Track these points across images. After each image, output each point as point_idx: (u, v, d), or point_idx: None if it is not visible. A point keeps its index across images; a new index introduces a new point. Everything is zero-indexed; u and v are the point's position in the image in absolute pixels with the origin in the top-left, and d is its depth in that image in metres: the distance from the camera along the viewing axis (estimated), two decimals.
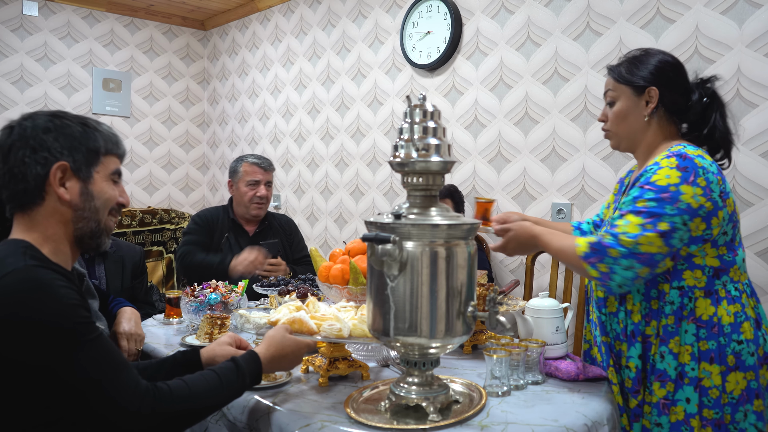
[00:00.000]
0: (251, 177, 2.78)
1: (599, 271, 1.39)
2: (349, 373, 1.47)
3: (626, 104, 1.53)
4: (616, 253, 1.37)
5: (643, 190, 1.41)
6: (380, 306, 1.18)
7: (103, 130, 1.24)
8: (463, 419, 1.18)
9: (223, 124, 4.89)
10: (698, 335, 1.41)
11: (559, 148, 2.72)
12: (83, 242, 1.21)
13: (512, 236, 1.60)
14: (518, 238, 1.60)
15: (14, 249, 1.12)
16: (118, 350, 1.14)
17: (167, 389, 1.13)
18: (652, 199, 1.38)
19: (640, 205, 1.39)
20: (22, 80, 4.20)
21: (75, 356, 1.04)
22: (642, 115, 1.52)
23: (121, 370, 1.09)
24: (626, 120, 1.54)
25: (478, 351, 1.69)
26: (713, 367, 1.40)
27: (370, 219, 1.20)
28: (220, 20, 4.80)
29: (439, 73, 3.22)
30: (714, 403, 1.39)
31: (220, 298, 1.93)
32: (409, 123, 1.20)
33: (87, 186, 1.19)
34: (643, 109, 1.52)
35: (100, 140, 1.22)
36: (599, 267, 1.39)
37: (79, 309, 1.07)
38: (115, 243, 2.42)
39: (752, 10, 2.17)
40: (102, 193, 1.21)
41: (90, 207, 1.19)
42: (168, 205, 4.87)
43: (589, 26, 2.60)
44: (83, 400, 1.05)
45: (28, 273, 1.05)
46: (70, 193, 1.17)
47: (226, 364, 1.23)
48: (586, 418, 1.22)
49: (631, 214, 1.40)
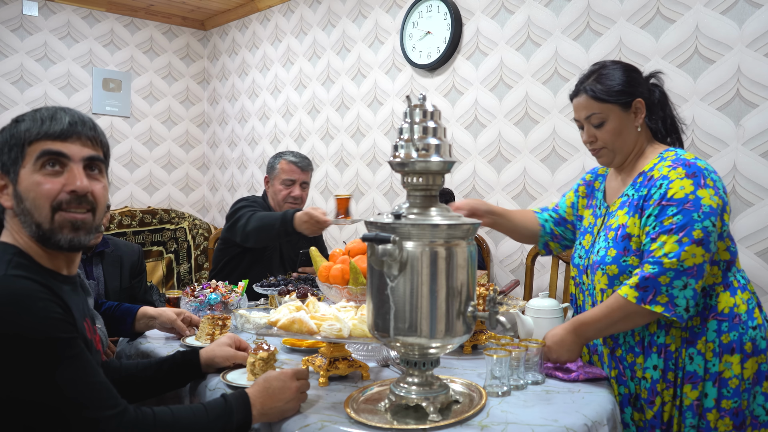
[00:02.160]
0: (288, 176, 2.65)
1: (662, 305, 1.37)
2: (349, 373, 1.47)
3: (618, 121, 1.53)
4: (666, 279, 1.36)
5: (665, 208, 1.41)
6: (380, 306, 1.18)
7: (30, 116, 1.10)
8: (463, 419, 1.18)
9: (223, 124, 4.89)
10: (720, 329, 1.44)
11: (559, 148, 2.72)
12: (47, 245, 1.10)
13: (554, 347, 1.50)
14: (561, 345, 1.49)
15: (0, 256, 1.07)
16: (97, 366, 1.07)
17: (150, 413, 1.07)
18: (677, 213, 1.39)
19: (668, 223, 1.40)
20: (22, 80, 4.20)
21: (52, 373, 0.98)
22: (634, 127, 1.55)
23: (100, 390, 1.03)
24: (621, 135, 1.54)
25: (478, 351, 1.69)
26: (734, 357, 1.43)
27: (370, 219, 1.20)
28: (220, 20, 4.80)
29: (439, 73, 3.22)
30: (733, 393, 1.42)
31: (220, 298, 1.93)
32: (409, 123, 1.20)
33: (16, 188, 1.08)
34: (634, 120, 1.54)
35: (21, 129, 1.08)
36: (660, 300, 1.37)
37: (59, 323, 1.00)
38: (113, 242, 2.41)
39: (752, 10, 2.17)
40: (28, 191, 1.07)
41: (23, 210, 1.08)
42: (168, 205, 4.87)
43: (589, 26, 2.60)
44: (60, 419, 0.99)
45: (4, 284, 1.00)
46: (10, 199, 1.10)
47: (215, 399, 1.18)
48: (586, 418, 1.22)
49: (663, 235, 1.39)
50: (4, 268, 1.03)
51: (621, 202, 1.57)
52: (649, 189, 1.47)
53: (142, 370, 1.44)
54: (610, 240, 1.54)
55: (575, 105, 1.59)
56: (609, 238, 1.54)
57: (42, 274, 1.08)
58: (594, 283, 1.58)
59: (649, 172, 1.52)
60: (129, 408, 1.06)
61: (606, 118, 1.53)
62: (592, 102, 1.54)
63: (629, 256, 1.49)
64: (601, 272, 1.54)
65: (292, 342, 1.72)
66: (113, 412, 1.02)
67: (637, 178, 1.55)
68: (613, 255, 1.51)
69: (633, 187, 1.55)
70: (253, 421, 1.17)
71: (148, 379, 1.42)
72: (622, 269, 1.49)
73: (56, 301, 1.03)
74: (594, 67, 1.58)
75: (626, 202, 1.55)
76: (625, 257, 1.49)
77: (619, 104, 1.52)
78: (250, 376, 1.41)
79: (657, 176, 1.47)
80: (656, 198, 1.44)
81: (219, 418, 1.13)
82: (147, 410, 1.08)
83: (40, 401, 0.98)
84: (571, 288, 1.73)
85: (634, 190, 1.54)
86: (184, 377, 1.46)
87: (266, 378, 1.23)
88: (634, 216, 1.50)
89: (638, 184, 1.53)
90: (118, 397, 1.06)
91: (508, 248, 2.92)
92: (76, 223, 1.10)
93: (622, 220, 1.53)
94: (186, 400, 1.51)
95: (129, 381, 1.39)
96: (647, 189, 1.48)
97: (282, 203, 2.66)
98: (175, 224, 4.33)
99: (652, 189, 1.46)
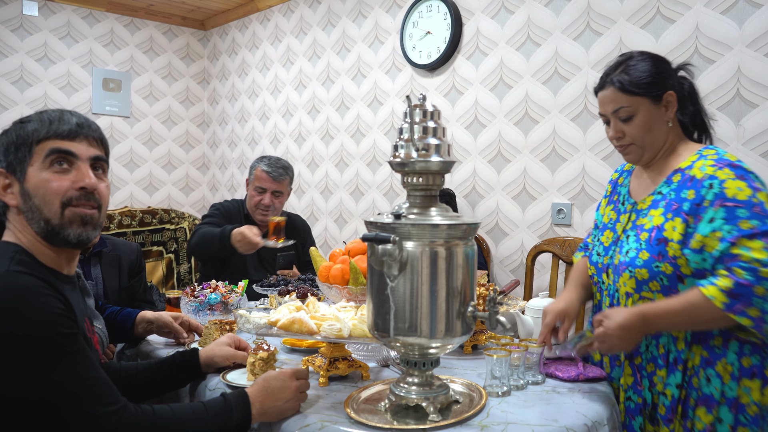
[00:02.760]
0: (260, 183, 2.72)
1: (750, 318, 1.24)
2: (349, 373, 1.47)
3: (648, 115, 1.44)
4: (762, 291, 1.23)
5: (732, 209, 1.30)
6: (380, 306, 1.18)
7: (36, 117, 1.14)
8: (463, 419, 1.18)
9: (223, 124, 4.89)
10: (741, 351, 1.35)
11: (559, 148, 2.72)
12: (54, 241, 1.13)
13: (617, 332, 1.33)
14: (627, 331, 1.33)
15: (2, 253, 1.08)
16: (99, 366, 1.08)
17: (150, 411, 1.08)
18: (752, 217, 1.28)
19: (746, 227, 1.28)
20: (22, 80, 4.20)
21: (52, 368, 0.99)
22: (665, 121, 1.45)
23: (100, 387, 1.04)
24: (651, 131, 1.45)
25: (478, 351, 1.69)
26: (754, 382, 1.34)
27: (370, 219, 1.20)
28: (220, 20, 4.80)
29: (439, 73, 3.22)
30: (751, 420, 1.33)
31: (220, 298, 1.93)
32: (409, 123, 1.20)
33: (23, 185, 1.11)
34: (664, 114, 1.45)
35: (28, 129, 1.12)
36: (750, 313, 1.24)
37: (60, 319, 1.02)
38: (111, 242, 2.39)
39: (752, 10, 2.17)
40: (38, 188, 1.11)
41: (31, 206, 1.11)
42: (168, 205, 4.87)
43: (589, 26, 2.60)
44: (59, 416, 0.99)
45: (7, 279, 1.02)
46: (16, 197, 1.12)
47: (215, 398, 1.19)
48: (586, 418, 1.22)
49: (745, 239, 1.27)
50: (6, 265, 1.05)
51: (653, 201, 1.47)
52: (696, 190, 1.36)
53: (141, 371, 1.44)
54: (642, 242, 1.43)
55: (601, 98, 1.49)
56: (641, 240, 1.44)
57: (43, 272, 1.09)
58: (617, 285, 1.49)
59: (687, 170, 1.42)
60: (129, 405, 1.06)
61: (635, 111, 1.44)
62: (619, 95, 1.44)
63: (663, 261, 1.38)
64: (629, 275, 1.44)
65: (292, 342, 1.72)
66: (113, 408, 1.03)
67: (672, 176, 1.45)
68: (645, 258, 1.41)
69: (668, 184, 1.45)
70: (252, 420, 1.18)
71: (148, 380, 1.42)
72: (653, 274, 1.39)
73: (58, 297, 1.05)
74: (621, 58, 1.48)
75: (660, 201, 1.45)
76: (659, 262, 1.39)
77: (650, 97, 1.43)
78: (250, 376, 1.41)
79: (701, 176, 1.37)
80: (711, 198, 1.33)
81: (218, 416, 1.13)
82: (147, 408, 1.08)
83: (39, 397, 0.99)
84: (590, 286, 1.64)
85: (671, 189, 1.44)
86: (184, 377, 1.46)
87: (266, 378, 1.24)
88: (674, 219, 1.38)
89: (675, 183, 1.43)
90: (118, 394, 1.06)
91: (508, 248, 2.92)
92: (85, 217, 1.14)
93: (657, 221, 1.42)
94: (186, 400, 1.50)
95: (129, 382, 1.39)
96: (693, 190, 1.37)
97: (253, 209, 2.75)
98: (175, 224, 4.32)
99: (701, 190, 1.35)
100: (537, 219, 2.80)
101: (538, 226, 2.79)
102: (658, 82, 1.43)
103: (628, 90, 1.43)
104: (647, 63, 1.44)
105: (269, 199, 2.73)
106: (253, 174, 2.75)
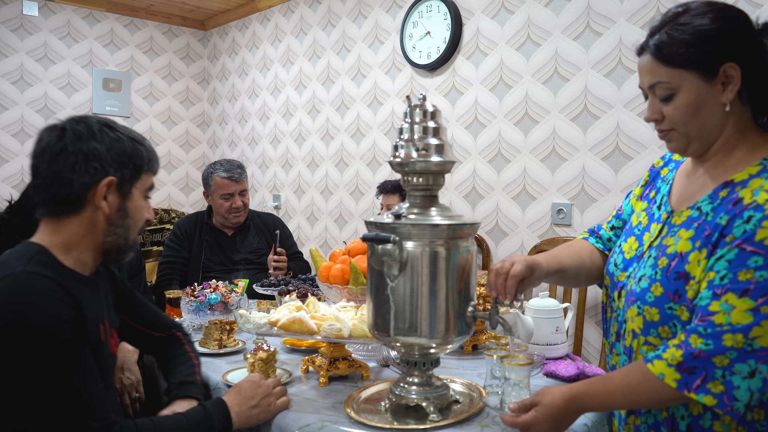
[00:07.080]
0: (224, 190, 2.77)
1: (714, 396, 0.96)
2: (349, 373, 1.47)
3: (695, 93, 1.05)
4: (724, 361, 0.95)
5: (746, 255, 0.97)
6: (380, 306, 1.18)
7: (147, 146, 1.23)
8: (463, 419, 1.18)
9: (223, 124, 4.89)
10: None
11: (559, 148, 2.72)
12: (108, 254, 1.19)
13: (540, 419, 1.05)
14: (551, 419, 1.05)
15: (23, 253, 1.09)
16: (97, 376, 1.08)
17: (133, 425, 1.09)
18: (762, 267, 0.96)
19: (744, 278, 0.97)
20: (22, 80, 4.20)
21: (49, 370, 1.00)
22: (720, 103, 1.06)
23: (91, 397, 1.04)
24: (698, 115, 1.07)
25: (478, 351, 1.69)
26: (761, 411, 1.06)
27: (370, 219, 1.20)
28: (220, 20, 4.80)
29: (439, 73, 3.22)
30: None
31: (220, 298, 1.93)
32: (409, 123, 1.20)
33: (125, 202, 1.17)
34: (720, 94, 1.06)
35: (144, 157, 1.20)
36: (711, 389, 0.96)
37: (64, 324, 1.02)
38: None
39: (752, 10, 2.17)
40: (136, 211, 1.20)
41: (124, 224, 1.18)
42: (168, 205, 4.87)
43: (589, 26, 2.60)
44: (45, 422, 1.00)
45: (21, 280, 1.02)
46: (110, 207, 1.15)
47: (194, 408, 1.21)
48: (586, 418, 1.22)
49: (732, 295, 0.97)
50: (23, 264, 1.05)
51: (689, 217, 1.11)
52: (731, 218, 1.02)
53: None
54: (659, 270, 1.10)
55: (639, 67, 1.12)
56: (659, 267, 1.10)
57: (62, 273, 1.09)
58: (626, 315, 1.17)
59: (739, 188, 1.05)
60: (117, 422, 1.07)
61: (676, 89, 1.06)
62: (657, 65, 1.07)
63: (679, 304, 1.06)
64: (636, 310, 1.12)
65: (292, 342, 1.72)
66: (99, 424, 1.04)
67: (720, 189, 1.09)
68: (657, 294, 1.09)
69: (711, 200, 1.09)
70: (233, 425, 1.20)
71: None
72: (665, 318, 1.07)
73: (69, 303, 1.05)
74: (676, 9, 1.09)
75: (696, 219, 1.09)
76: (673, 304, 1.06)
77: (698, 70, 1.04)
78: None
79: (748, 201, 1.01)
80: (737, 236, 0.99)
81: (200, 425, 1.16)
82: (129, 422, 1.09)
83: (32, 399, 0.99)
84: (603, 296, 1.31)
85: (712, 207, 1.08)
86: None
87: (237, 384, 1.29)
88: (701, 250, 1.05)
89: (719, 199, 1.07)
90: (108, 410, 1.07)
91: (508, 248, 2.93)
92: (137, 243, 1.27)
93: (682, 247, 1.08)
94: None
95: None
96: (729, 216, 1.02)
97: (227, 215, 2.81)
98: None
99: (735, 220, 1.01)
100: (537, 219, 2.80)
101: (538, 226, 2.79)
102: (711, 50, 1.04)
103: (668, 60, 1.05)
104: (705, 20, 1.05)
105: (239, 200, 2.80)
106: (213, 184, 2.80)
